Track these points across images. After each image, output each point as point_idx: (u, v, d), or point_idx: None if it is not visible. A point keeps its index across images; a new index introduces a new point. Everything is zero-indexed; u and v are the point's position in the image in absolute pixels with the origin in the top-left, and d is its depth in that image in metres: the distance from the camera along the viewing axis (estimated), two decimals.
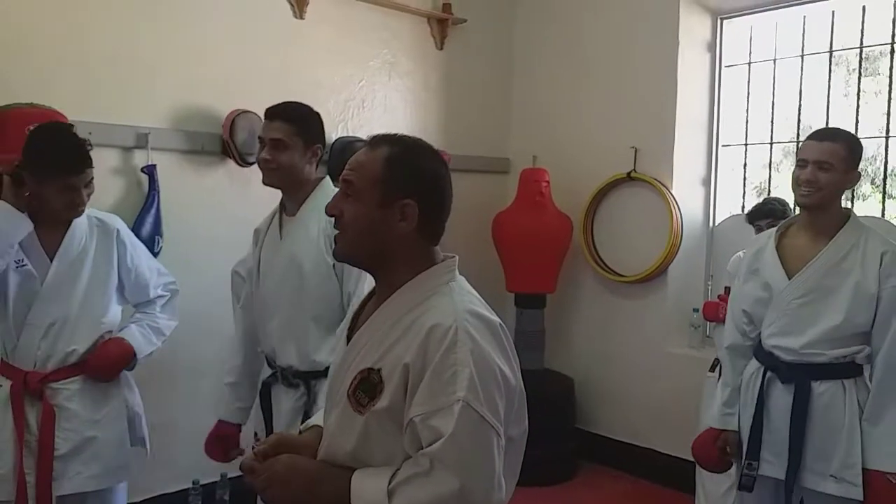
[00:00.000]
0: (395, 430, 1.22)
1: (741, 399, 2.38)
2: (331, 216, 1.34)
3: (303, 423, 2.00)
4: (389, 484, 1.17)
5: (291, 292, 2.18)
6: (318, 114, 2.25)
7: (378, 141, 1.33)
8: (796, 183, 2.25)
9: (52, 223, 2.21)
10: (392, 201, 1.28)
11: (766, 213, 3.19)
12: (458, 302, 1.27)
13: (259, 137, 2.22)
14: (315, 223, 2.18)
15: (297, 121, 2.17)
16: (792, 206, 3.22)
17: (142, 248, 2.46)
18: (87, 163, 2.17)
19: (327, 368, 2.01)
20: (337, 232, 1.33)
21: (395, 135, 1.35)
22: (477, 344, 1.21)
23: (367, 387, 1.25)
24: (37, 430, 2.16)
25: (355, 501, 1.19)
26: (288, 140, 2.14)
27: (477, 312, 1.27)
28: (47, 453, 2.15)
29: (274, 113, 2.18)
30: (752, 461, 2.30)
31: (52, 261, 2.20)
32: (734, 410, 2.38)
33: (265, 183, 2.22)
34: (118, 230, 2.34)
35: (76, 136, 2.20)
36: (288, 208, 2.27)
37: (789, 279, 2.26)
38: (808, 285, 2.23)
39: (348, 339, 1.37)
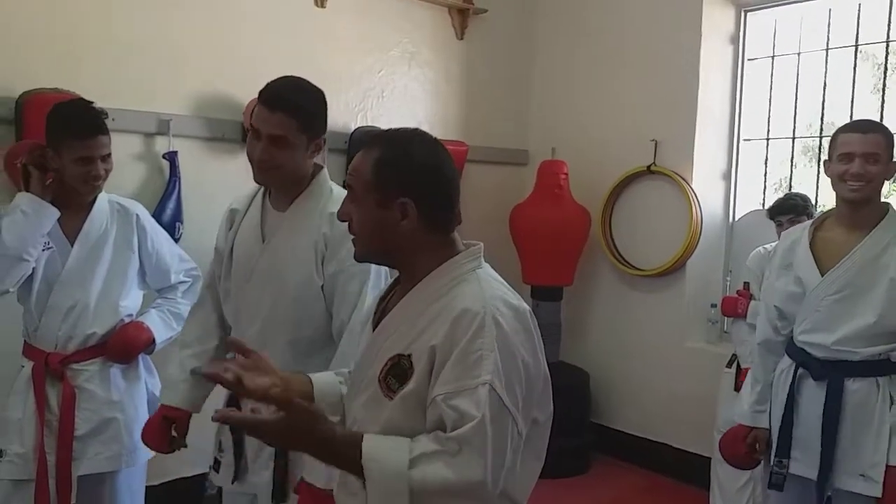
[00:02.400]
0: (421, 415, 1.23)
1: (772, 396, 2.34)
2: (343, 222, 1.36)
3: None
4: (412, 454, 1.17)
5: (269, 309, 1.89)
6: (324, 99, 1.89)
7: (371, 143, 1.33)
8: (841, 178, 2.17)
9: (73, 208, 2.24)
10: (389, 202, 1.28)
11: (787, 209, 3.16)
12: (487, 289, 1.28)
13: (252, 126, 1.82)
14: (308, 231, 1.87)
15: (303, 115, 1.80)
16: (814, 201, 3.18)
17: (163, 234, 2.48)
18: (101, 129, 2.16)
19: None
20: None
21: (389, 132, 1.35)
22: (503, 331, 1.22)
23: (397, 372, 1.26)
24: (58, 411, 2.20)
25: (369, 463, 1.17)
26: (291, 138, 1.79)
27: (506, 300, 1.28)
28: (68, 433, 2.18)
29: (274, 101, 1.78)
30: (783, 459, 2.25)
31: (72, 245, 2.23)
32: (765, 407, 2.34)
33: (257, 181, 1.91)
34: (137, 215, 2.36)
35: (91, 106, 2.22)
36: (275, 201, 1.94)
37: (822, 275, 2.20)
38: (841, 281, 2.18)
39: (374, 325, 1.38)
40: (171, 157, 3.13)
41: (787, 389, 2.27)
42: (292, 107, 1.78)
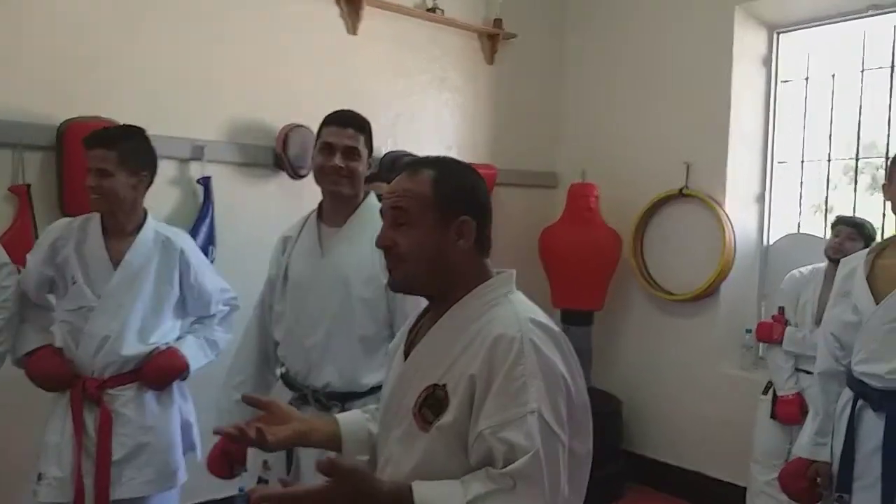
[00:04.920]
0: (459, 448, 1.18)
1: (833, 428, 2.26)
2: (383, 248, 1.31)
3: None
4: (466, 497, 1.12)
5: (337, 311, 2.03)
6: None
7: (416, 165, 1.33)
8: None
9: (120, 233, 2.27)
10: (448, 221, 1.28)
11: (852, 224, 3.10)
12: (521, 311, 1.25)
13: (328, 143, 2.05)
14: (367, 239, 2.03)
15: (367, 133, 2.11)
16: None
17: (206, 266, 2.49)
18: (100, 142, 2.17)
19: (370, 390, 2.00)
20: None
21: (429, 157, 1.36)
22: (542, 354, 1.19)
23: (432, 402, 1.22)
24: (94, 435, 2.22)
25: None
26: (360, 150, 2.07)
27: (540, 322, 1.25)
28: (105, 457, 2.20)
29: (347, 121, 2.08)
30: (843, 494, 2.17)
31: (115, 270, 2.25)
32: (826, 440, 2.25)
33: (328, 187, 2.09)
34: (182, 250, 2.36)
35: (122, 126, 2.30)
36: (329, 219, 2.14)
37: (877, 303, 2.13)
38: None
39: (405, 354, 1.35)
40: (205, 182, 3.18)
41: (846, 422, 2.19)
42: (358, 124, 2.10)
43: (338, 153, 2.04)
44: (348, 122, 2.07)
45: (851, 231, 3.07)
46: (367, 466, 1.22)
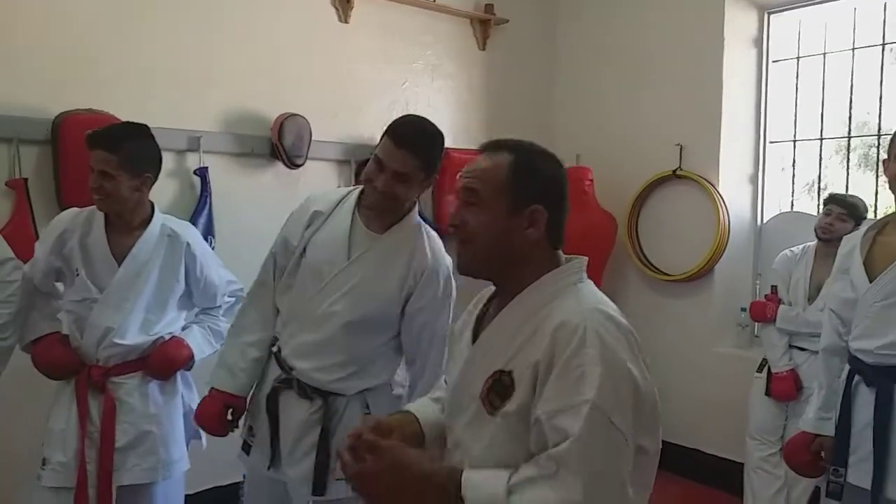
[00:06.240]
0: (524, 433, 1.19)
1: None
2: (453, 226, 1.31)
3: (320, 439, 1.99)
4: (509, 481, 1.13)
5: (345, 320, 1.97)
6: (443, 140, 2.00)
7: (496, 146, 1.31)
8: None
9: (123, 228, 2.28)
10: (521, 208, 1.26)
11: (844, 204, 3.13)
12: (586, 301, 1.24)
13: (378, 158, 1.89)
14: (400, 261, 1.98)
15: (425, 156, 1.90)
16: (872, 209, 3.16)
17: (212, 258, 2.49)
18: (99, 144, 2.16)
19: (357, 394, 2.03)
20: (461, 244, 1.31)
21: (512, 140, 1.33)
22: (606, 345, 1.16)
23: (499, 388, 1.23)
24: (98, 422, 2.25)
25: (467, 492, 1.14)
26: (412, 174, 1.90)
27: (607, 313, 1.22)
28: (109, 444, 2.23)
29: (404, 141, 1.88)
30: (839, 468, 2.18)
31: (119, 266, 2.26)
32: (830, 415, 2.26)
33: (369, 206, 1.98)
34: (188, 244, 2.36)
35: (125, 126, 2.30)
36: (367, 220, 2.01)
37: (871, 280, 2.14)
38: (890, 287, 2.10)
39: (473, 339, 1.35)
40: (202, 172, 3.20)
41: (842, 396, 2.21)
42: (419, 148, 1.90)
43: (386, 173, 1.89)
44: (404, 143, 1.88)
45: (842, 212, 3.10)
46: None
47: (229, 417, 2.12)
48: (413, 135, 1.90)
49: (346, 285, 1.97)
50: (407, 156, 1.87)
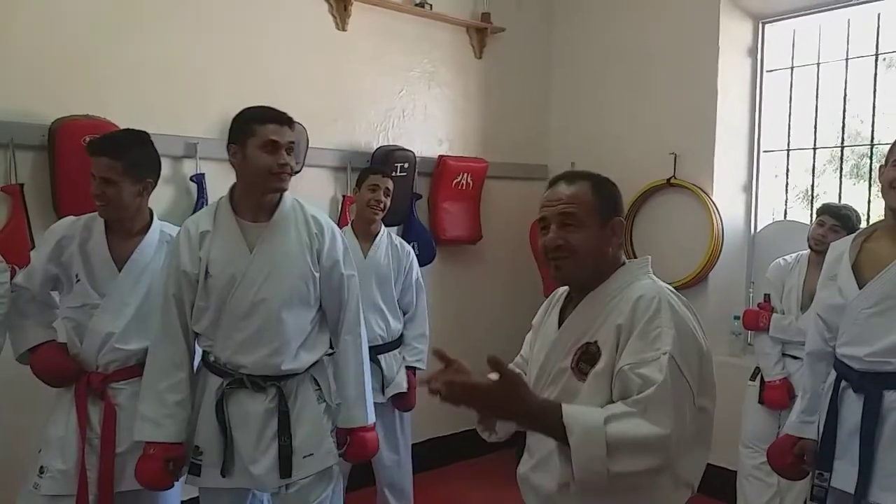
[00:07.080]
0: (608, 389, 1.43)
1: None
2: (554, 248, 1.54)
3: (280, 424, 2.12)
4: (605, 413, 1.33)
5: (271, 303, 2.11)
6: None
7: (572, 176, 1.59)
8: (892, 186, 2.10)
9: (122, 234, 2.30)
10: (607, 221, 1.55)
11: (837, 216, 3.12)
12: (658, 283, 1.54)
13: (273, 140, 2.11)
14: (295, 235, 2.18)
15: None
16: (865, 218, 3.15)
17: None
18: (100, 150, 2.19)
19: (310, 367, 2.19)
20: (559, 259, 1.54)
21: (579, 171, 1.63)
22: (677, 313, 1.45)
23: (587, 357, 1.49)
24: (98, 428, 2.26)
25: (569, 419, 1.32)
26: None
27: (676, 292, 1.53)
28: (109, 450, 2.24)
29: (284, 119, 2.16)
30: (824, 472, 2.19)
31: (119, 271, 2.28)
32: (813, 418, 2.28)
33: (272, 190, 2.16)
34: None
35: (127, 133, 2.32)
36: (249, 214, 2.17)
37: (860, 287, 2.14)
38: (878, 295, 2.10)
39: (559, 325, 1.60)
40: (199, 179, 3.21)
41: (829, 402, 2.21)
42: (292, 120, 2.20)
43: (282, 150, 2.11)
44: (286, 120, 2.15)
45: (835, 223, 3.10)
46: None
47: (171, 468, 2.12)
48: (281, 112, 2.17)
49: (262, 272, 2.12)
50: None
